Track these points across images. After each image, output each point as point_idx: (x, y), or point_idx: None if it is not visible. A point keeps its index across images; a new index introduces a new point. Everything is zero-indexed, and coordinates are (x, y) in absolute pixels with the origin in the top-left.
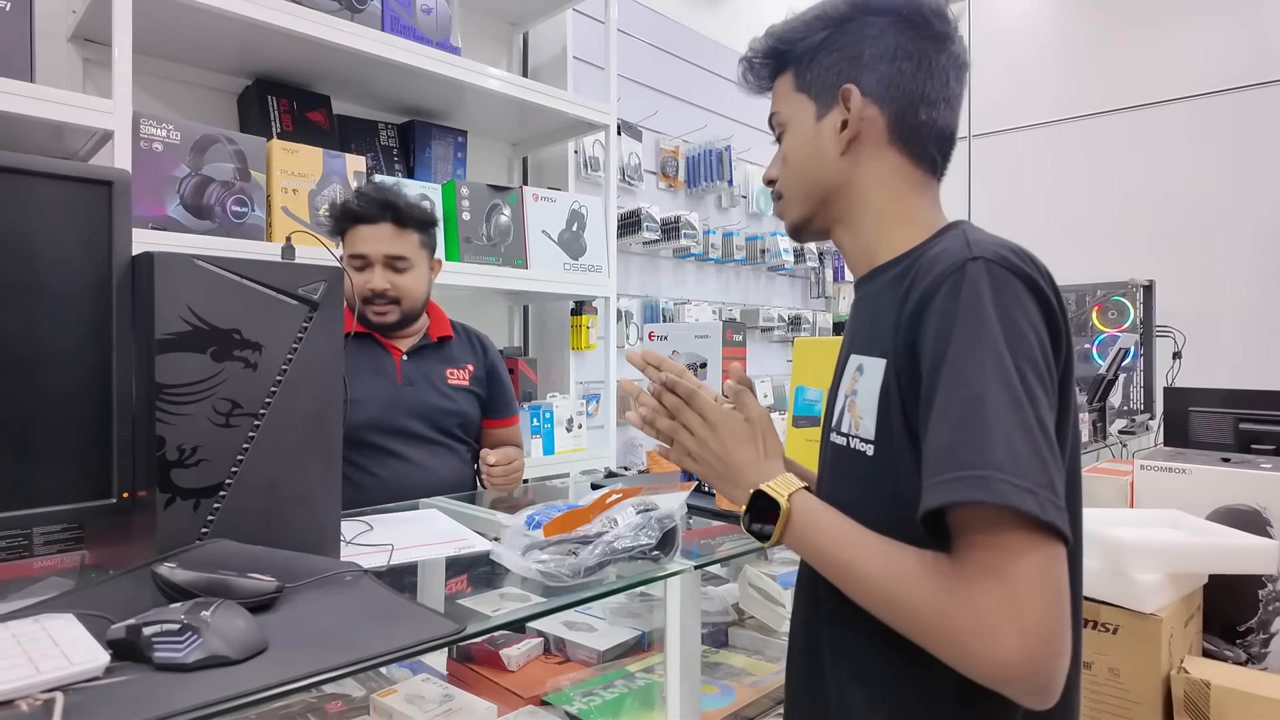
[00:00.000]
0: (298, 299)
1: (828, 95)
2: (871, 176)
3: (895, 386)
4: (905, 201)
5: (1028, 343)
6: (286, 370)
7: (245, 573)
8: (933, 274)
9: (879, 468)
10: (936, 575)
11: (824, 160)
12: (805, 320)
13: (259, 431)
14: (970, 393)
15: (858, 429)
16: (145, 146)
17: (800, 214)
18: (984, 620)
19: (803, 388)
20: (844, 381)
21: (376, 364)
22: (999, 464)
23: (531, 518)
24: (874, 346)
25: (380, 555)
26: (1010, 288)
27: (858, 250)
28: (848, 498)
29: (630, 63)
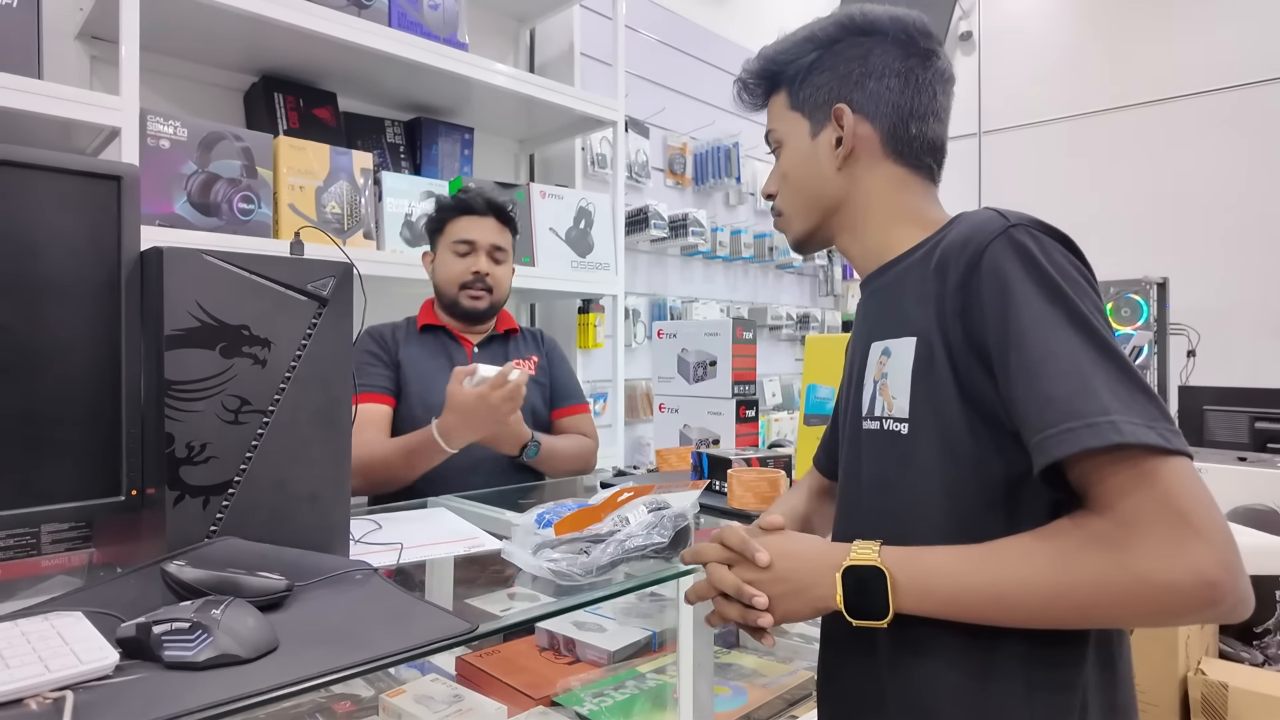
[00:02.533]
0: (307, 295)
1: (820, 113)
2: (870, 188)
3: (944, 359)
4: (907, 205)
5: (1087, 293)
6: (295, 367)
7: (254, 571)
8: (973, 244)
9: (915, 443)
10: (1093, 540)
11: (822, 175)
12: (814, 318)
13: (268, 428)
14: (1058, 348)
15: (891, 410)
16: (152, 144)
17: (803, 228)
18: (1174, 551)
19: (814, 385)
20: (869, 369)
21: (450, 355)
22: (1116, 408)
23: (541, 516)
24: (900, 328)
25: (389, 554)
26: (1056, 249)
27: (864, 253)
28: (891, 479)
29: (638, 59)
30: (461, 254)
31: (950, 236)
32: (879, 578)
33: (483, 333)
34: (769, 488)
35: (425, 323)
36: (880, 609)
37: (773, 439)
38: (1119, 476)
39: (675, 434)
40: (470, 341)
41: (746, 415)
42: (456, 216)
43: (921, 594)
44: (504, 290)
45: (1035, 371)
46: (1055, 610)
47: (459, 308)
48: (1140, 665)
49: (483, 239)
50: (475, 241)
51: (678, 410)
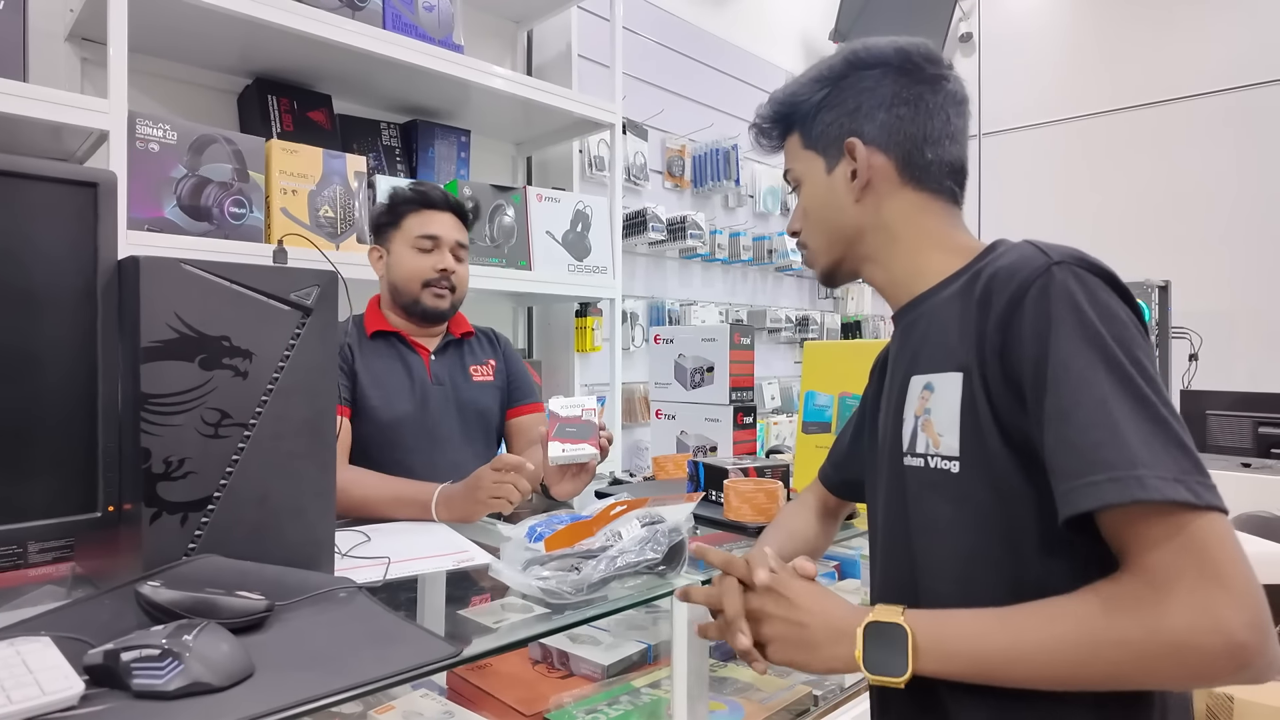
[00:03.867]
0: (290, 304)
1: (834, 149)
2: (892, 216)
3: (984, 397)
4: (933, 231)
5: (1132, 336)
6: (278, 378)
7: (234, 590)
8: (1016, 281)
9: (968, 483)
10: (1121, 601)
11: (841, 208)
12: (813, 321)
13: (249, 442)
14: (1092, 395)
15: (938, 447)
16: (141, 147)
17: (828, 261)
18: (1201, 612)
19: (812, 393)
20: (910, 403)
21: (406, 363)
22: (1144, 460)
23: (533, 529)
24: (944, 362)
25: (376, 569)
26: (1099, 287)
27: (894, 282)
28: (939, 519)
29: (636, 61)
30: (424, 250)
31: (994, 270)
32: (900, 634)
33: (437, 336)
34: (766, 499)
35: (376, 329)
36: (899, 666)
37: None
38: (1148, 532)
39: (672, 441)
40: (426, 349)
41: (744, 422)
42: (417, 210)
43: (943, 656)
44: (464, 290)
45: (1065, 417)
46: (1080, 673)
47: (419, 307)
48: None
49: (446, 235)
50: (439, 237)
51: (675, 417)
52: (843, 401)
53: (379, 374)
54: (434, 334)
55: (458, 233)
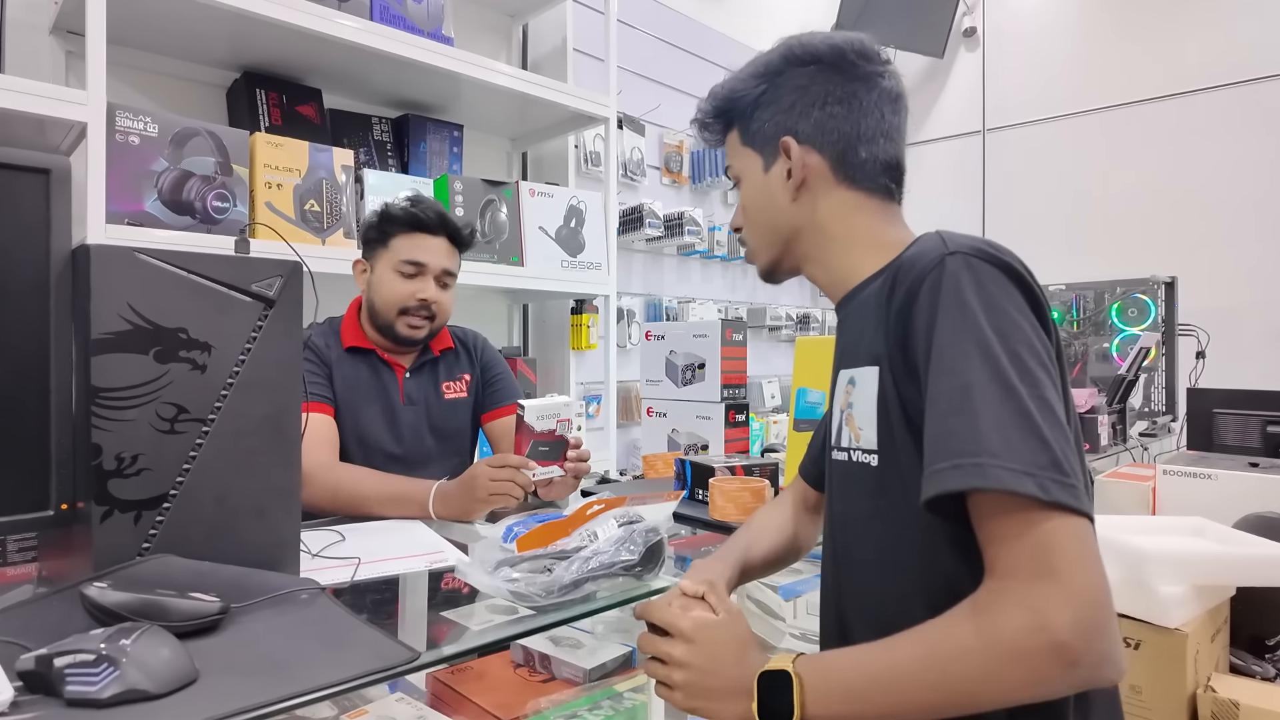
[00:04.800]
0: (251, 295)
1: (770, 147)
2: (827, 215)
3: (892, 389)
4: (867, 230)
5: (1015, 326)
6: (239, 372)
7: (187, 592)
8: (914, 272)
9: (885, 477)
10: (964, 609)
11: (778, 207)
12: (814, 319)
13: (208, 438)
14: (958, 382)
15: (858, 441)
16: (121, 139)
17: (767, 259)
18: (1027, 611)
19: (804, 389)
20: (837, 398)
21: (380, 382)
22: (992, 449)
23: (510, 529)
24: (862, 356)
25: (345, 570)
26: (990, 277)
27: (831, 280)
28: (860, 513)
29: (632, 55)
30: (407, 275)
31: (902, 264)
32: (786, 681)
33: (412, 354)
34: (752, 498)
35: (352, 344)
36: (787, 712)
37: (770, 442)
38: (994, 528)
39: (664, 439)
40: (402, 366)
41: (736, 420)
42: (407, 232)
43: (825, 694)
44: (447, 316)
45: (932, 404)
46: (945, 697)
47: (393, 333)
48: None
49: (434, 262)
50: (425, 265)
51: (666, 414)
52: None
53: (352, 390)
54: (410, 352)
55: (447, 259)
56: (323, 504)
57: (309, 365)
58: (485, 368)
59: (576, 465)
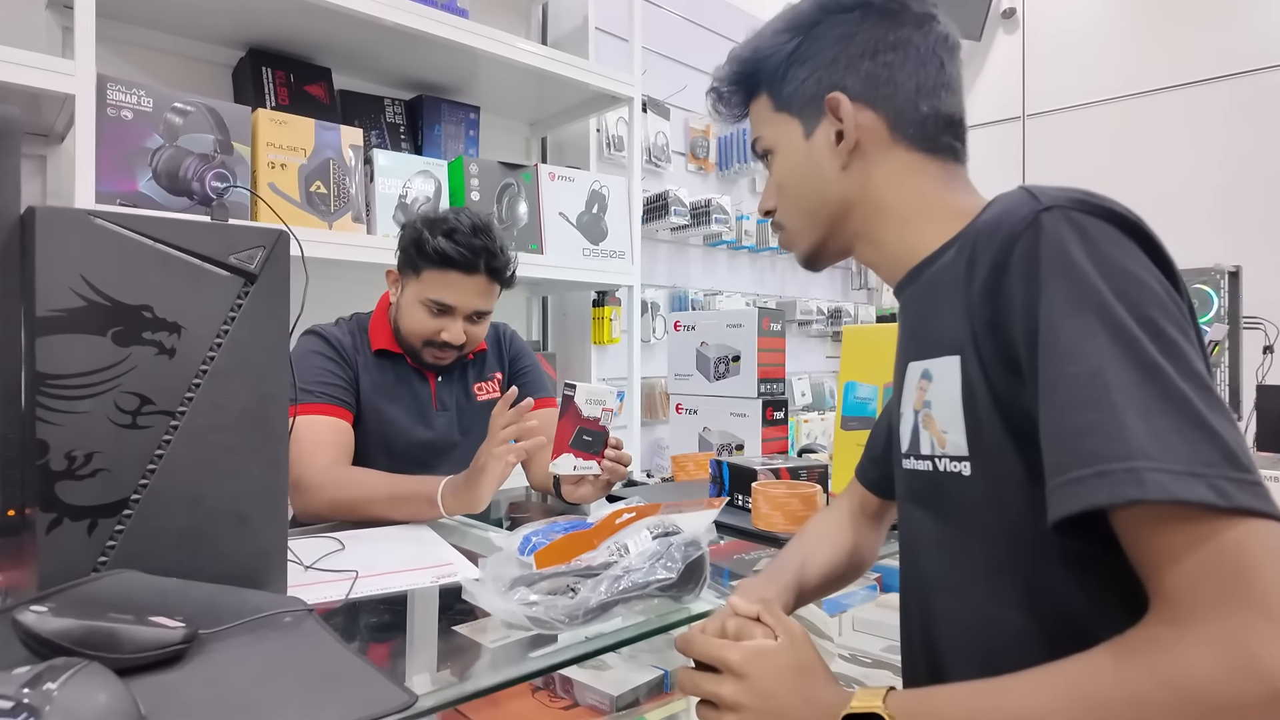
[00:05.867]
0: (229, 269)
1: (811, 108)
2: (884, 183)
3: (981, 382)
4: (931, 197)
5: (1144, 287)
6: (214, 357)
7: (146, 616)
8: (1000, 237)
9: (981, 487)
10: (1135, 648)
11: (824, 179)
12: (846, 313)
13: (177, 434)
14: (1084, 366)
15: (943, 446)
16: (113, 114)
17: (811, 242)
18: (1230, 651)
19: (853, 383)
20: (907, 395)
21: (412, 389)
22: (1145, 449)
23: (528, 539)
24: (939, 345)
25: (341, 585)
26: (1101, 232)
27: (889, 259)
28: (951, 531)
29: (657, 35)
30: (435, 314)
31: (979, 227)
32: None
33: None
34: (802, 506)
35: (381, 347)
36: None
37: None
38: (1161, 546)
39: (694, 438)
40: (433, 371)
41: (774, 417)
42: (440, 269)
43: None
44: (476, 345)
45: (1051, 397)
46: None
47: (419, 359)
48: None
49: (463, 304)
50: (455, 308)
51: (696, 411)
52: (889, 393)
53: (383, 396)
54: None
55: (481, 299)
56: (321, 510)
57: (329, 363)
58: (513, 360)
59: (615, 466)
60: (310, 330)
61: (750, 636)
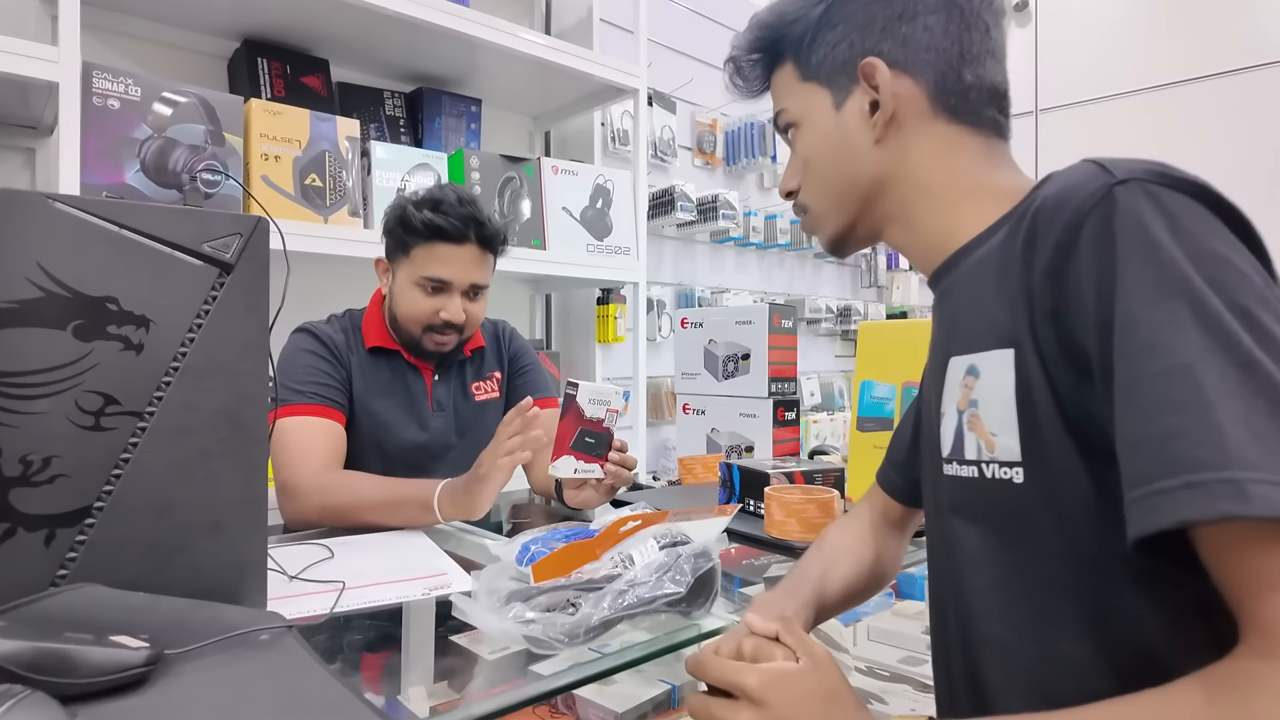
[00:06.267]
0: (203, 258)
1: (843, 76)
2: (922, 159)
3: (1041, 379)
4: (973, 174)
5: (1238, 275)
6: (186, 354)
7: (107, 636)
8: (1065, 215)
9: (1036, 496)
10: (1229, 685)
11: (855, 154)
12: (856, 311)
13: (145, 436)
14: (1170, 362)
15: (991, 450)
16: (99, 103)
17: (839, 225)
18: None
19: (869, 382)
20: (949, 394)
21: (406, 386)
22: (1246, 458)
23: (526, 548)
24: (987, 337)
25: (325, 597)
26: (1186, 210)
27: (922, 245)
28: (999, 545)
29: (663, 27)
30: (430, 291)
31: (1039, 203)
32: None
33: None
34: (818, 513)
35: (376, 344)
36: None
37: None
38: (1260, 570)
39: (701, 439)
40: (430, 368)
41: (785, 418)
42: (428, 242)
43: None
44: (477, 325)
45: (1131, 395)
46: None
47: (419, 349)
48: None
49: (459, 278)
50: (450, 282)
51: (704, 412)
52: (908, 392)
53: (377, 395)
54: None
55: (476, 271)
56: (312, 516)
57: (321, 362)
58: (513, 359)
59: (618, 470)
60: (301, 328)
61: (769, 658)
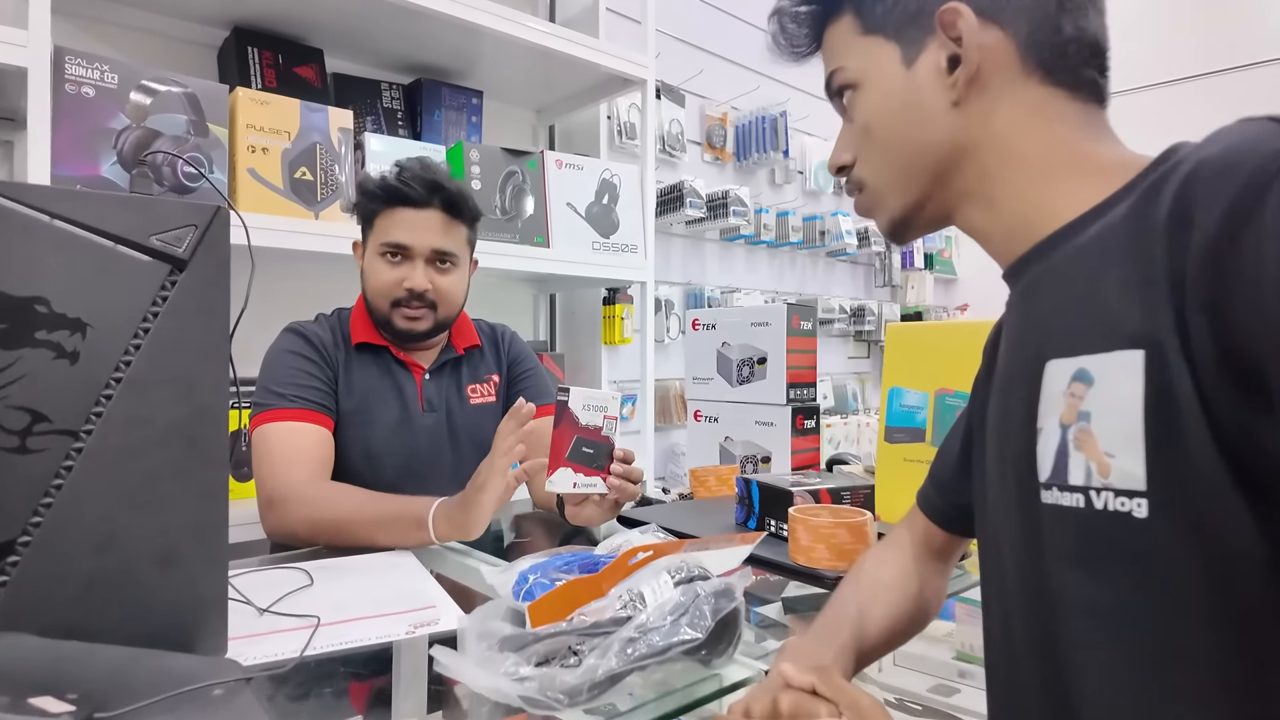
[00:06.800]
0: (151, 253)
1: (915, 29)
2: (1011, 124)
3: (1188, 388)
4: (1072, 145)
5: None
6: (131, 362)
7: (26, 698)
8: (1239, 178)
9: (1164, 531)
10: None
11: (928, 118)
12: (870, 311)
13: (82, 458)
14: None
15: (1105, 475)
16: (72, 90)
17: (903, 203)
18: None
19: (899, 389)
20: (1048, 405)
21: (395, 385)
22: None
23: (524, 577)
24: (1105, 335)
25: (299, 635)
26: None
27: (1005, 227)
28: (1104, 599)
29: (671, 17)
30: (393, 261)
31: (1191, 169)
32: None
33: (433, 350)
34: (851, 538)
35: (362, 339)
36: None
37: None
38: None
39: (714, 448)
40: (420, 367)
41: (805, 426)
42: (386, 208)
43: None
44: (454, 304)
45: None
46: None
47: (392, 328)
48: None
49: (420, 243)
50: (410, 247)
51: (717, 419)
52: (941, 401)
53: (363, 396)
54: (429, 347)
55: (438, 236)
56: (298, 530)
57: (308, 364)
58: (513, 363)
59: (623, 484)
60: (289, 328)
61: (811, 715)
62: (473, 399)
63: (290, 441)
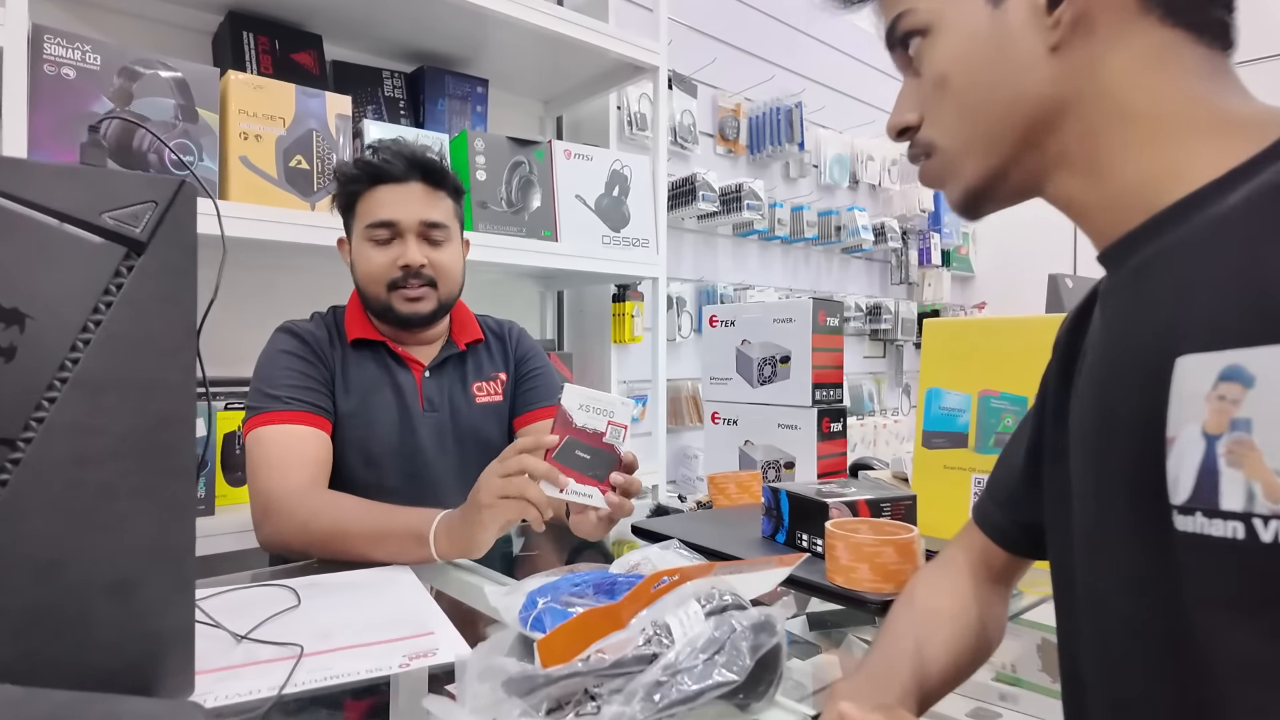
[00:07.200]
0: (103, 234)
1: None
2: (1124, 74)
3: None
4: (1198, 96)
5: None
6: (79, 360)
7: None
8: None
9: None
10: None
11: (1021, 67)
12: (886, 309)
13: (20, 470)
14: None
15: (1272, 499)
16: (51, 72)
17: (984, 169)
18: None
19: (938, 390)
20: (1182, 411)
21: (393, 382)
22: None
23: (533, 601)
24: (1263, 326)
25: (279, 667)
26: None
27: (1111, 198)
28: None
29: (683, 4)
30: (382, 241)
31: None
32: None
33: (433, 345)
34: (898, 558)
35: (358, 336)
36: None
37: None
38: None
39: (733, 452)
40: (420, 363)
41: (832, 429)
42: (366, 188)
43: None
44: (454, 279)
45: None
46: None
47: (393, 314)
48: None
49: (408, 216)
50: (397, 223)
51: (736, 421)
52: (985, 403)
53: (360, 395)
54: (429, 341)
55: (424, 208)
56: (293, 540)
57: (303, 364)
58: (521, 360)
59: (620, 500)
60: (282, 327)
61: None
62: (478, 398)
63: (286, 445)
